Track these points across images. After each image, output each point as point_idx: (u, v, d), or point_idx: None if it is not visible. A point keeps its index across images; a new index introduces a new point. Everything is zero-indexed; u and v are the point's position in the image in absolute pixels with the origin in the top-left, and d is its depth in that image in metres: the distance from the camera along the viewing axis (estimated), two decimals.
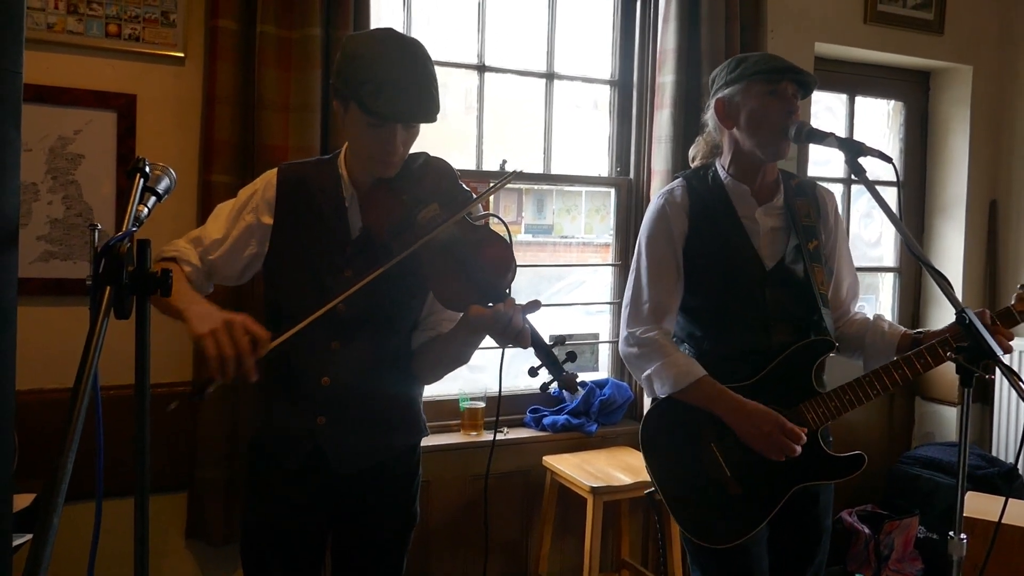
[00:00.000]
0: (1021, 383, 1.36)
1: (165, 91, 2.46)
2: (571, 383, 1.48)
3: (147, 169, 1.24)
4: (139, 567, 1.09)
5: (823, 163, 3.83)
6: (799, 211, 1.91)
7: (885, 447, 3.93)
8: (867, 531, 3.42)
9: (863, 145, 1.69)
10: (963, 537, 1.48)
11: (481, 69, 3.05)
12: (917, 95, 4.09)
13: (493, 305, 1.48)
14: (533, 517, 3.02)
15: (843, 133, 3.71)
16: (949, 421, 3.93)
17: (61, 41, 2.33)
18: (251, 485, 1.78)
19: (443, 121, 1.61)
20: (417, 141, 1.64)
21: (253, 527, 1.75)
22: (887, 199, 1.62)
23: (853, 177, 1.69)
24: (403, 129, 1.56)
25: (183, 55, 2.47)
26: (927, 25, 3.78)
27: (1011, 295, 1.82)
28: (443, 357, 1.69)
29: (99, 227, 1.10)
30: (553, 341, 1.51)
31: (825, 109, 3.92)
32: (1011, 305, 1.78)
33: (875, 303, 4.13)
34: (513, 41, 3.14)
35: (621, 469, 2.80)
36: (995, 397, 3.79)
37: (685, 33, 2.98)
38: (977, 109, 3.93)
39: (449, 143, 3.14)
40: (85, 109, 2.35)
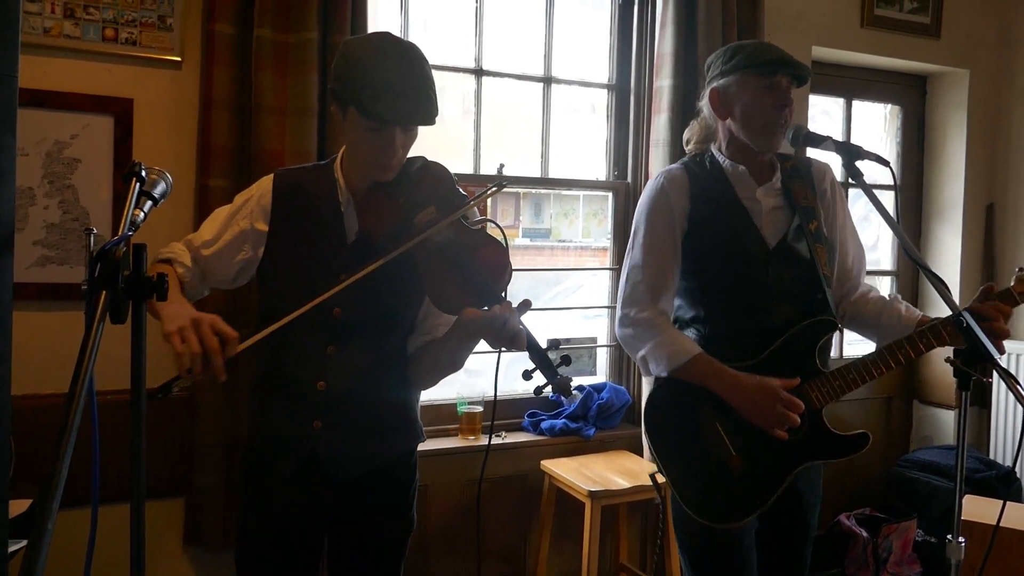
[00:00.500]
0: (1018, 386, 1.36)
1: (162, 95, 2.46)
2: (565, 386, 1.47)
3: (143, 173, 1.24)
4: (135, 573, 1.09)
5: None
6: (797, 193, 1.91)
7: (883, 450, 3.93)
8: (865, 534, 3.42)
9: (860, 149, 1.70)
10: (961, 540, 1.48)
11: (478, 73, 3.05)
12: (914, 99, 4.09)
13: (489, 308, 1.47)
14: (531, 521, 3.02)
15: (840, 137, 3.69)
16: (947, 424, 3.93)
17: (58, 45, 2.32)
18: (247, 490, 1.78)
19: (440, 126, 1.61)
20: (414, 146, 1.64)
21: (249, 532, 1.75)
22: (884, 203, 1.62)
23: (850, 181, 1.69)
24: (402, 132, 1.56)
25: (180, 59, 2.47)
26: (924, 29, 3.79)
27: (1010, 278, 1.80)
28: (439, 361, 1.69)
29: (95, 231, 1.10)
30: (548, 345, 1.51)
31: (822, 113, 3.92)
32: (1011, 287, 1.76)
33: None
34: (510, 45, 3.14)
35: (619, 473, 2.80)
36: (993, 400, 3.79)
37: (682, 37, 2.98)
38: (974, 113, 3.94)
39: (446, 147, 3.13)
40: (82, 113, 2.35)
